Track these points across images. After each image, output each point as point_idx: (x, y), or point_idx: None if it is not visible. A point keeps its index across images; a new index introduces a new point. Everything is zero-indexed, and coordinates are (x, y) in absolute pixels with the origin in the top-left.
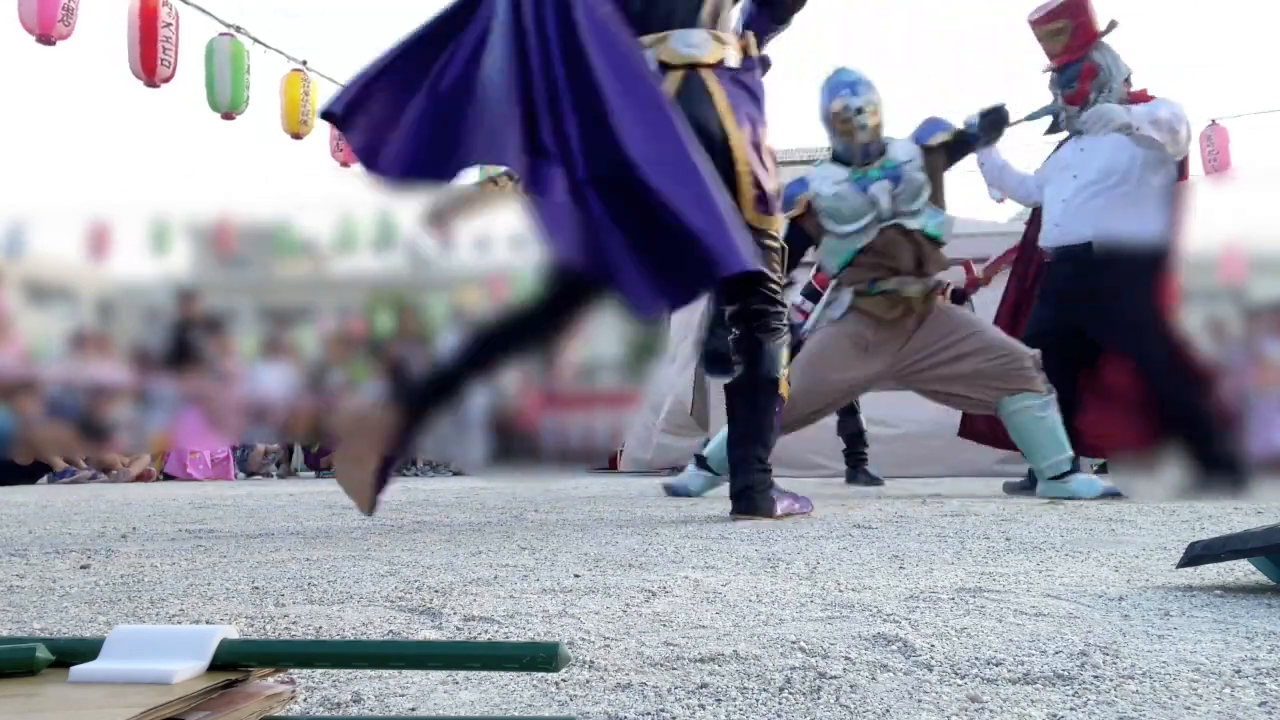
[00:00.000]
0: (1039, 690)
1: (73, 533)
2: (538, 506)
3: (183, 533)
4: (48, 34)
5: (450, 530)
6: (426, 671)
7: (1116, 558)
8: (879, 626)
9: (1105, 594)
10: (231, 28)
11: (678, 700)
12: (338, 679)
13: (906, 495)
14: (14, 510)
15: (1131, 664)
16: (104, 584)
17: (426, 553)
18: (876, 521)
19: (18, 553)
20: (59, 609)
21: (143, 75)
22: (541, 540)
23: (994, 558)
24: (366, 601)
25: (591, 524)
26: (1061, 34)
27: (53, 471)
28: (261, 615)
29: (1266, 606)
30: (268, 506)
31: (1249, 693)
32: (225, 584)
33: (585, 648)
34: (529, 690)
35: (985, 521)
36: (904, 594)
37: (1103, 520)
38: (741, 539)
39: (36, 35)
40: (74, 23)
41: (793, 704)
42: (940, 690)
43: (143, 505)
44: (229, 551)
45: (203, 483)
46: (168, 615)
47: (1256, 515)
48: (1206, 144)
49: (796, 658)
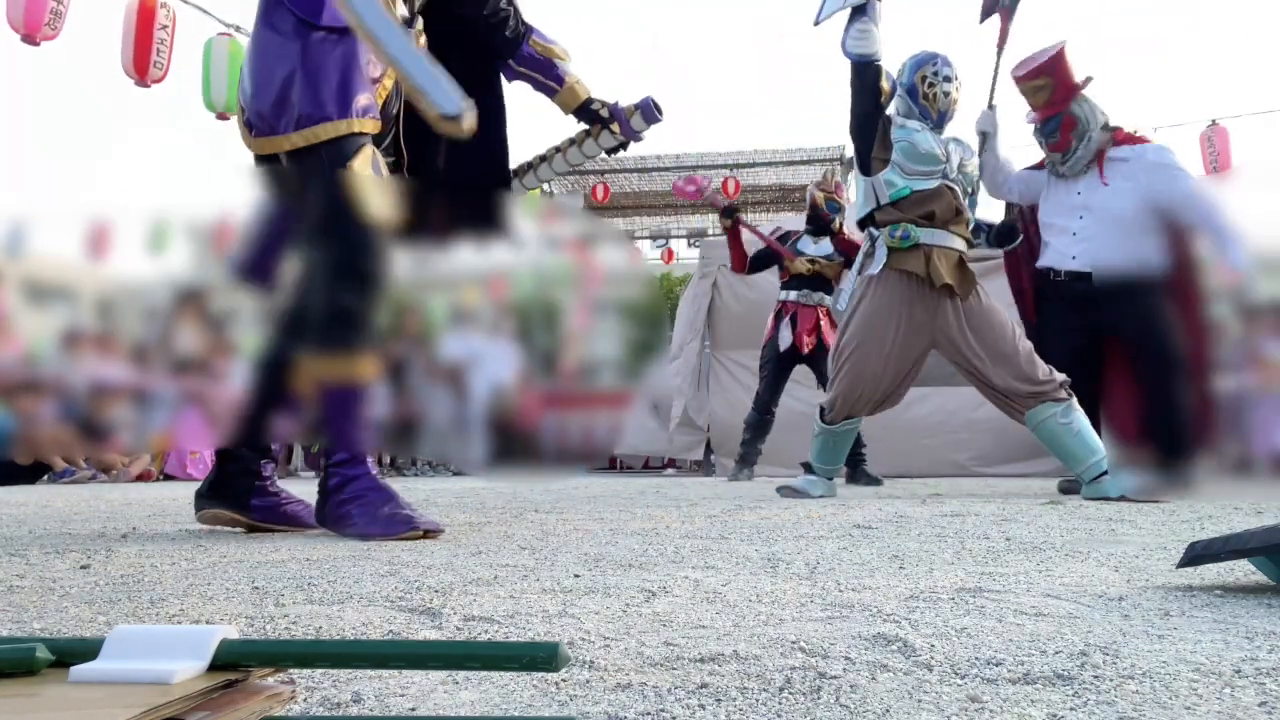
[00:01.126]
0: (1039, 690)
1: (73, 533)
2: (538, 506)
3: (183, 533)
4: (33, 35)
5: (450, 530)
6: (426, 671)
7: (1116, 558)
8: (879, 626)
9: (1105, 594)
10: (231, 27)
11: (678, 700)
12: (338, 679)
13: (906, 495)
14: (14, 510)
15: (1131, 664)
16: (104, 584)
17: (426, 553)
18: (876, 521)
19: (18, 553)
20: (59, 609)
21: (134, 75)
22: (541, 540)
23: (994, 558)
24: (366, 601)
25: (591, 524)
26: (1043, 90)
27: (53, 471)
28: (261, 615)
29: (1266, 606)
30: None
31: (1249, 693)
32: (225, 584)
33: (585, 648)
34: (529, 690)
35: (985, 521)
36: (904, 594)
37: (1103, 520)
38: (741, 539)
39: (22, 35)
40: (60, 25)
41: (793, 704)
42: (940, 690)
43: (143, 505)
44: (229, 551)
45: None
46: (168, 615)
47: (1256, 515)
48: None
49: (796, 658)
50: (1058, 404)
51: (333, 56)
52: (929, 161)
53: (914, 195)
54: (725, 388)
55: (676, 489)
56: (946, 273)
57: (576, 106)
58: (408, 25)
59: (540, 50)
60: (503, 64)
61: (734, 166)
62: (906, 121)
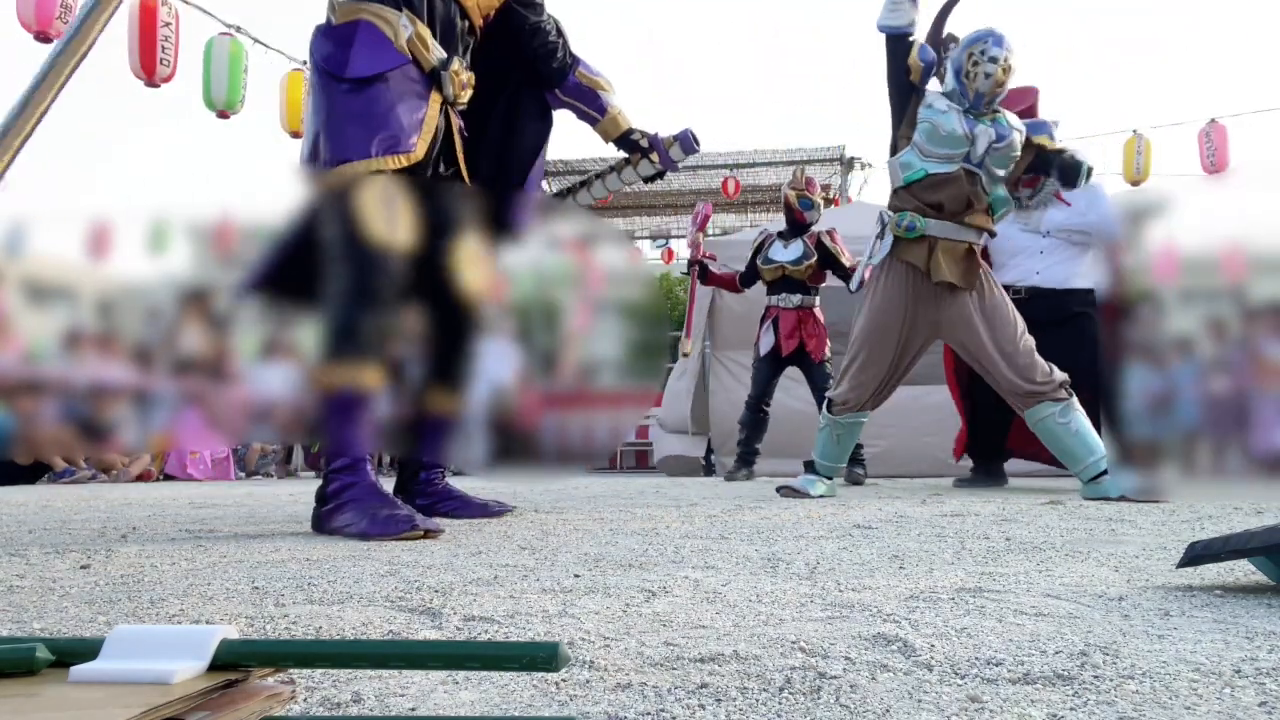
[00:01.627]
0: (1039, 690)
1: (73, 533)
2: (538, 506)
3: (183, 533)
4: (45, 31)
5: (450, 530)
6: (426, 671)
7: (1116, 558)
8: (879, 626)
9: (1105, 594)
10: (231, 27)
11: (678, 700)
12: (338, 679)
13: (907, 495)
14: (14, 510)
15: (1131, 664)
16: (104, 584)
17: (426, 553)
18: (876, 521)
19: (18, 553)
20: (59, 609)
21: (142, 75)
22: (541, 540)
23: (994, 558)
24: (366, 601)
25: (591, 524)
26: None
27: (53, 471)
28: (261, 615)
29: (1266, 606)
30: (268, 506)
31: (1249, 693)
32: (225, 584)
33: (585, 648)
34: (529, 690)
35: (985, 521)
36: (904, 594)
37: (1103, 520)
38: (741, 539)
39: (34, 32)
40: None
41: (793, 704)
42: (940, 690)
43: (143, 505)
44: (229, 551)
45: (203, 483)
46: (168, 615)
47: (1256, 515)
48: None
49: (796, 658)
50: (1056, 403)
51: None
52: (950, 144)
53: (928, 179)
54: (726, 388)
55: (676, 489)
56: (948, 268)
57: (618, 136)
58: (444, 66)
59: (586, 81)
60: (549, 92)
61: (734, 166)
62: (935, 101)
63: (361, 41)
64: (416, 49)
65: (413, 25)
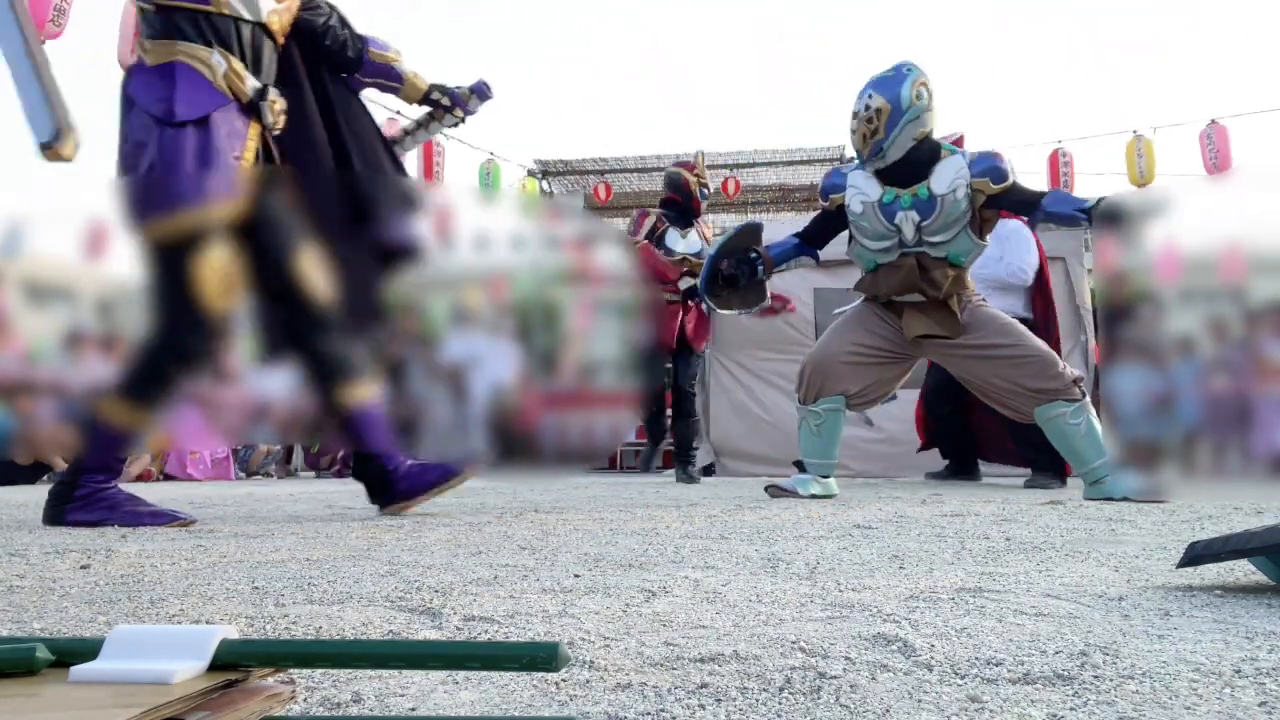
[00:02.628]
0: (1039, 690)
1: (73, 533)
2: (538, 506)
3: (183, 533)
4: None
5: (450, 530)
6: (426, 671)
7: (1116, 558)
8: (879, 626)
9: (1105, 594)
10: None
11: (678, 700)
12: (338, 679)
13: (907, 495)
14: (14, 510)
15: (1131, 664)
16: (104, 584)
17: (426, 553)
18: (876, 521)
19: (18, 553)
20: (59, 609)
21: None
22: (541, 540)
23: (994, 558)
24: (366, 601)
25: (591, 524)
26: None
27: (53, 471)
28: (261, 615)
29: (1266, 606)
30: (268, 506)
31: (1249, 693)
32: (225, 584)
33: (585, 648)
34: (529, 690)
35: (985, 521)
36: (904, 594)
37: (1103, 520)
38: (741, 539)
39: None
40: (64, 22)
41: (793, 704)
42: (940, 690)
43: None
44: (229, 551)
45: (203, 483)
46: (168, 615)
47: (1256, 515)
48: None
49: (796, 658)
50: (1070, 403)
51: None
52: (880, 238)
53: (880, 269)
54: (726, 388)
55: (676, 489)
56: (922, 325)
57: (420, 97)
58: (260, 96)
59: (378, 58)
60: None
61: (734, 166)
62: (854, 182)
63: (181, 84)
64: (233, 83)
65: (226, 61)
